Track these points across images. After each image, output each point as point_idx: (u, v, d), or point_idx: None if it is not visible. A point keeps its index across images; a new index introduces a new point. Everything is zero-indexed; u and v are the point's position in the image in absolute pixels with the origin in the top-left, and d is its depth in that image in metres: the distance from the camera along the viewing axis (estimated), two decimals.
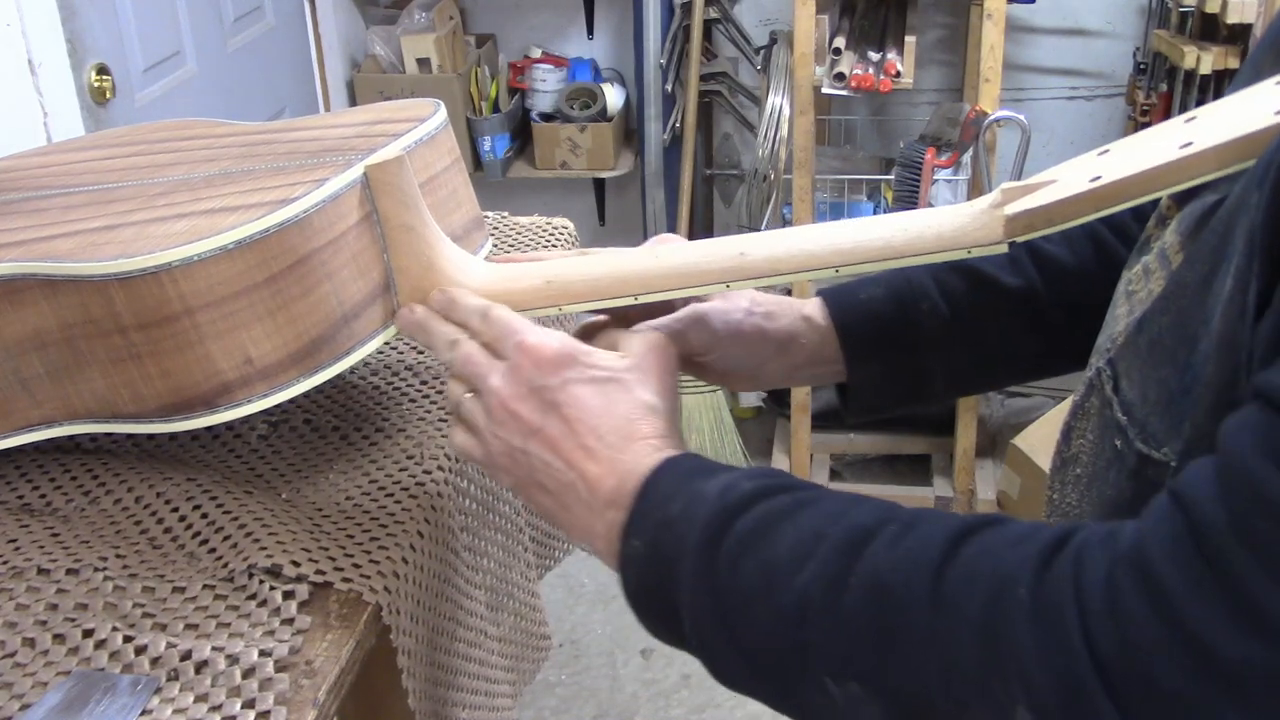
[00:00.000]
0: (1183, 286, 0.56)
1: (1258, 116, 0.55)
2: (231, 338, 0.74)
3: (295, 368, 0.76)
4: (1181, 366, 0.55)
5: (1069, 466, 0.68)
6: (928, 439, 2.72)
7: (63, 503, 0.88)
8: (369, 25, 2.96)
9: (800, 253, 0.70)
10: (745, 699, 0.62)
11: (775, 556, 0.57)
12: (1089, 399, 0.65)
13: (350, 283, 0.77)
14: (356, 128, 0.88)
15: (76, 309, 0.77)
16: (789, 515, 0.58)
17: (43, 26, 1.74)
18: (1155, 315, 0.59)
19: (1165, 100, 2.45)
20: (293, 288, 0.75)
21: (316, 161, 0.81)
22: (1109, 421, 0.61)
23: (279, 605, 0.77)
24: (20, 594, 0.79)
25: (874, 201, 2.55)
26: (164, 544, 0.83)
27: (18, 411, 0.83)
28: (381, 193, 0.77)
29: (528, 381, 0.68)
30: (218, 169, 0.88)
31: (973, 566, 0.51)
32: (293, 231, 0.74)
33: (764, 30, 2.86)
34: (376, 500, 0.87)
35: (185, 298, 0.73)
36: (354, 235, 0.77)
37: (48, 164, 1.04)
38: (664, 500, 0.63)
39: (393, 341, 1.09)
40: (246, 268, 0.73)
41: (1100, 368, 0.63)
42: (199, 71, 2.22)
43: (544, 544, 1.16)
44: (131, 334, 0.75)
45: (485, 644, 0.97)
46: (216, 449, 0.94)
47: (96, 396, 0.80)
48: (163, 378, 0.76)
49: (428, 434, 0.95)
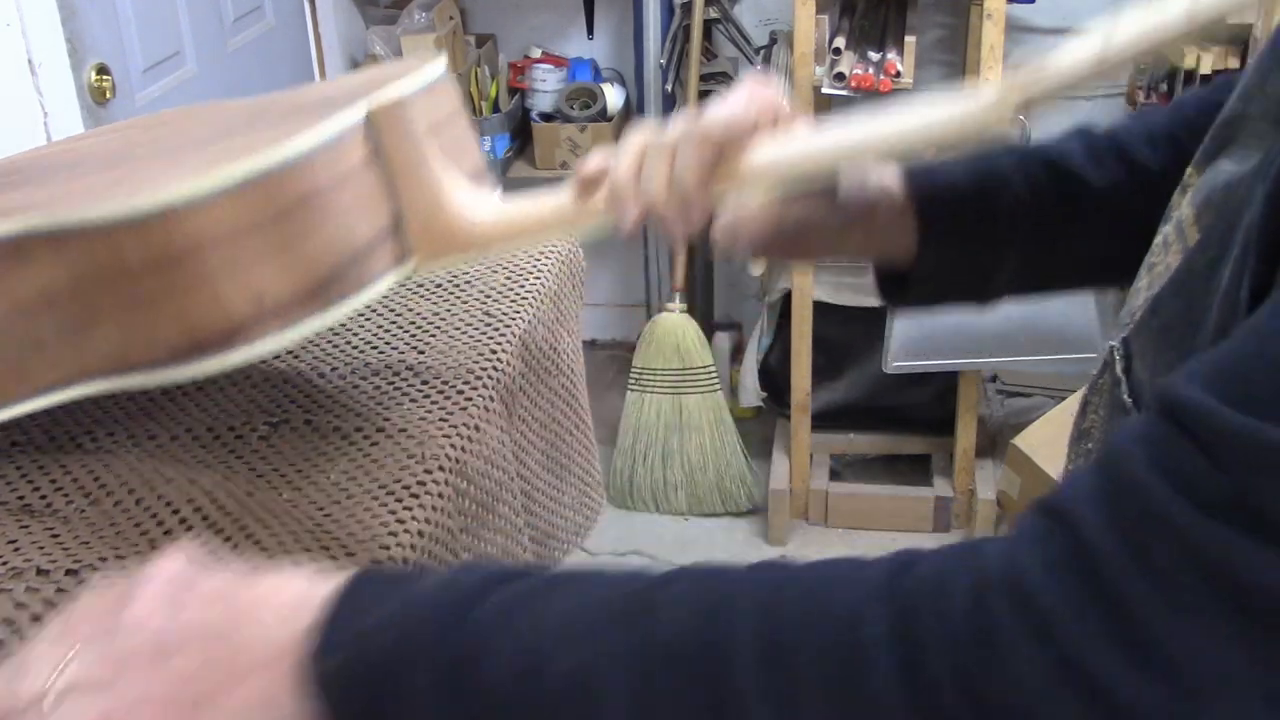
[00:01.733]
0: (1192, 272, 0.55)
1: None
2: (242, 276, 0.74)
3: (307, 304, 0.76)
4: (1185, 354, 0.53)
5: (1084, 441, 0.66)
6: (928, 439, 2.72)
7: (63, 504, 0.88)
8: (369, 25, 2.96)
9: (804, 150, 0.70)
10: None
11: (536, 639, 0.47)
12: (1103, 375, 0.63)
13: (359, 222, 0.77)
14: (360, 82, 0.89)
15: (85, 260, 0.76)
16: (554, 587, 0.50)
17: (43, 26, 1.74)
18: (1167, 299, 0.58)
19: (1165, 100, 2.45)
20: (300, 224, 0.75)
21: (320, 110, 0.82)
22: (1117, 402, 0.60)
23: None
24: (19, 594, 0.79)
25: None
26: (164, 546, 0.83)
27: (34, 374, 0.82)
28: (385, 132, 0.77)
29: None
30: (224, 129, 0.89)
31: (799, 609, 0.44)
32: (298, 168, 0.74)
33: (764, 30, 2.86)
34: (379, 499, 0.87)
35: (193, 236, 0.73)
36: (359, 174, 0.77)
37: (52, 150, 1.05)
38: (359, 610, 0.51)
39: (395, 343, 1.09)
40: (253, 205, 0.73)
41: (1114, 346, 0.62)
42: (199, 71, 2.22)
43: (543, 544, 1.16)
44: (141, 278, 0.75)
45: None
46: (217, 449, 0.94)
47: (110, 350, 0.79)
48: (175, 321, 0.76)
49: (429, 434, 0.95)
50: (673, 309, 2.80)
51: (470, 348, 1.07)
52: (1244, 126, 0.58)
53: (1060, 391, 2.80)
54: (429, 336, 1.10)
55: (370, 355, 1.07)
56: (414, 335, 1.10)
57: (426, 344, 1.08)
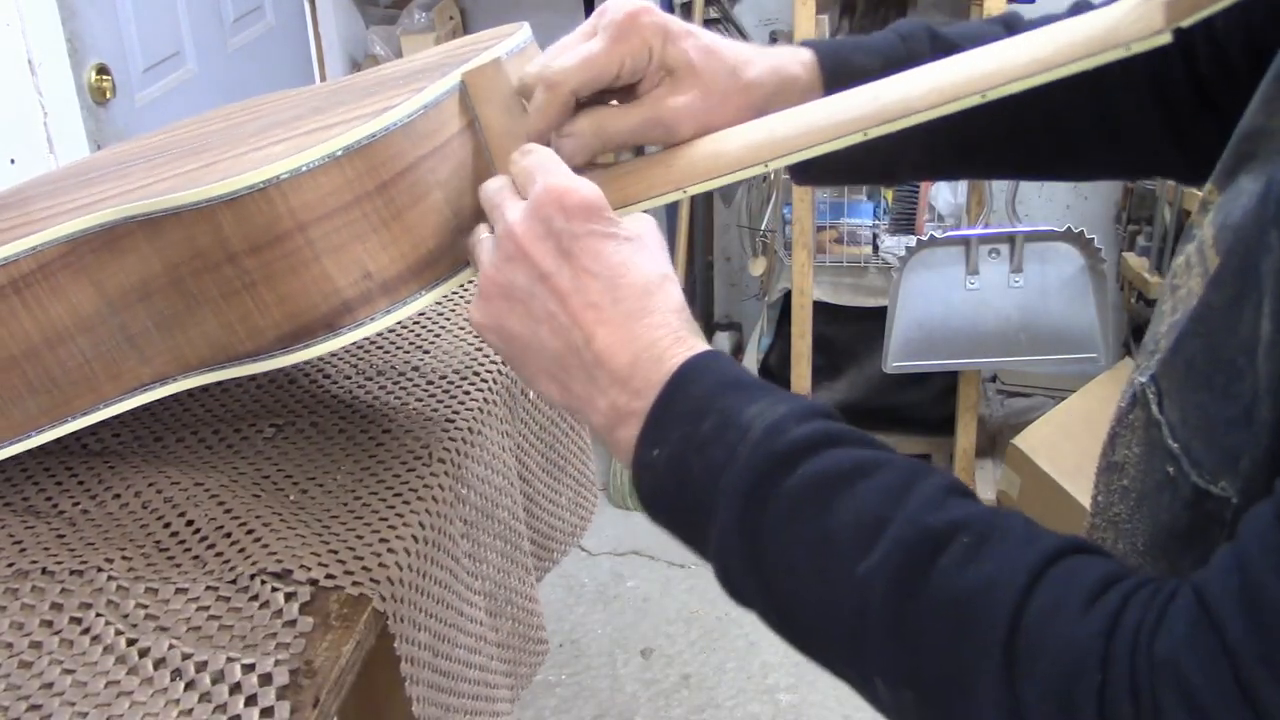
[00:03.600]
0: (1210, 310, 0.54)
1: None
2: (347, 252, 0.71)
3: (416, 280, 0.73)
4: (1219, 393, 0.53)
5: (1113, 473, 0.65)
6: (928, 439, 2.72)
7: (68, 505, 0.88)
8: (369, 25, 2.95)
9: (938, 86, 0.65)
10: (746, 700, 0.61)
11: (831, 534, 0.53)
12: (1134, 410, 0.62)
13: (462, 192, 0.74)
14: (442, 54, 0.86)
15: (182, 245, 0.74)
16: (845, 484, 0.54)
17: (43, 26, 1.74)
18: (1188, 337, 0.56)
19: None
20: (403, 195, 0.72)
21: (408, 82, 0.79)
22: (1156, 443, 0.58)
23: (281, 607, 0.77)
24: (26, 594, 0.79)
25: (874, 201, 2.55)
26: (170, 547, 0.83)
27: (127, 372, 0.80)
28: (481, 99, 0.74)
29: (545, 221, 0.61)
30: (308, 108, 0.86)
31: (1044, 630, 0.49)
32: (398, 136, 0.71)
33: (764, 30, 2.86)
34: (385, 500, 0.87)
35: (296, 212, 0.71)
36: (458, 143, 0.74)
37: (120, 150, 1.02)
38: (693, 412, 0.58)
39: (400, 344, 1.09)
40: (356, 176, 0.71)
41: (1144, 383, 0.60)
42: (199, 71, 2.22)
43: (543, 546, 1.16)
44: (243, 260, 0.72)
45: (485, 650, 0.97)
46: (223, 451, 0.94)
47: (209, 340, 0.77)
48: (279, 304, 0.73)
49: (434, 435, 0.95)
50: None
51: (474, 348, 1.08)
52: (1266, 141, 0.56)
53: (1060, 391, 2.80)
54: (433, 337, 1.10)
55: (375, 357, 1.07)
56: (418, 336, 1.10)
57: (430, 345, 1.08)
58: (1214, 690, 0.45)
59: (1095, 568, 0.50)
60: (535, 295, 0.61)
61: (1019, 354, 2.41)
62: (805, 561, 0.54)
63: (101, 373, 0.80)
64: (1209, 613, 0.46)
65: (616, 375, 0.60)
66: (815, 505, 0.54)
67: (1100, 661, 0.47)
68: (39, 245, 0.78)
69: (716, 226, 3.12)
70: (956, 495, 0.54)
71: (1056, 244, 2.31)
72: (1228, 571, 0.46)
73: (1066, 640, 0.48)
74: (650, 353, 0.60)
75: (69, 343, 0.80)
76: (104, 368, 0.80)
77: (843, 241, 2.55)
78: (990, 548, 0.51)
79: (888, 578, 0.52)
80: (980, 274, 2.33)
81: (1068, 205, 2.91)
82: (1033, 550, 0.51)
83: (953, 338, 2.39)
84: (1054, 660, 0.48)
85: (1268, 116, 0.57)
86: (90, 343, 0.79)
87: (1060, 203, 2.91)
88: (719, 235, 3.14)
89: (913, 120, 0.65)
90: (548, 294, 0.61)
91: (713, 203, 3.08)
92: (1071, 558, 0.51)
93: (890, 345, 2.40)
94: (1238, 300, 0.51)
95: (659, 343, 0.60)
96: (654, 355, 0.60)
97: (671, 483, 0.58)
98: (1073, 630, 0.48)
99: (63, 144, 1.78)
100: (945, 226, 2.47)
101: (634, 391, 0.59)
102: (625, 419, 0.60)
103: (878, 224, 2.54)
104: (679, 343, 0.60)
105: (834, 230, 2.55)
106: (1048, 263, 2.33)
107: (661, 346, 0.60)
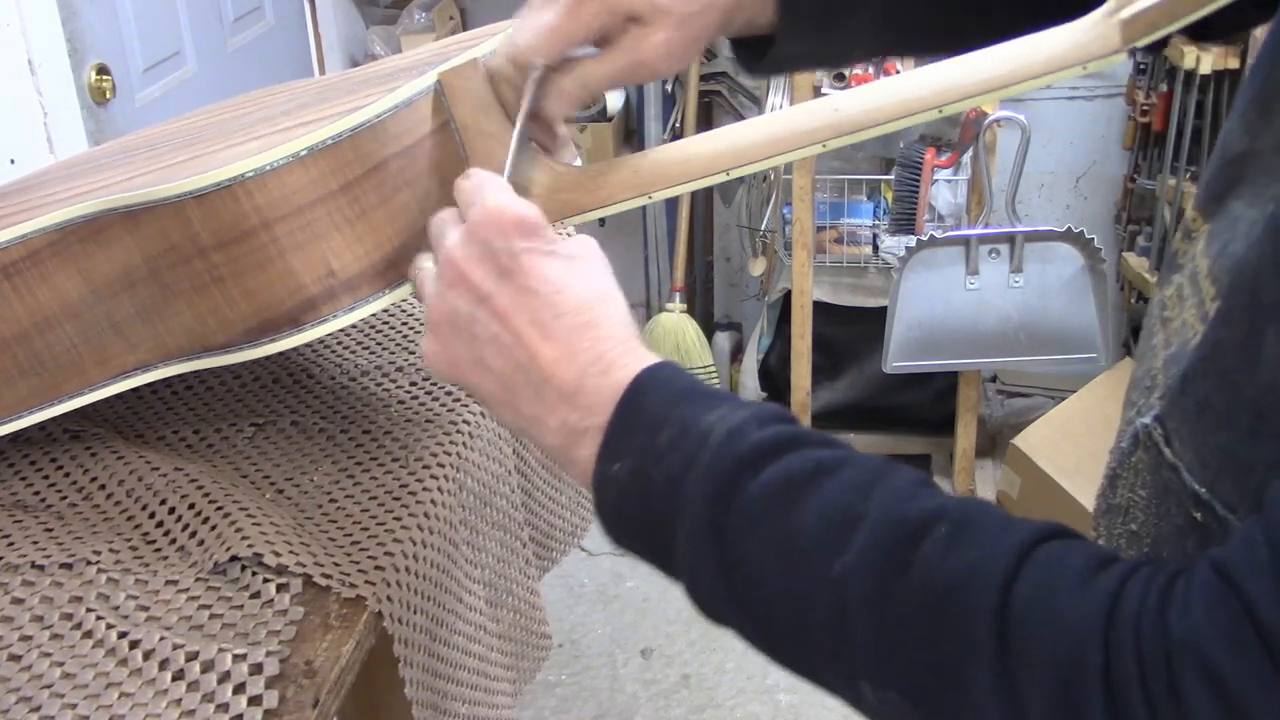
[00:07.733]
0: (1221, 348, 0.52)
1: None
2: (312, 249, 0.73)
3: (380, 279, 0.74)
4: (1245, 432, 0.50)
5: (1116, 516, 0.62)
6: (928, 439, 2.72)
7: (56, 499, 0.88)
8: (369, 25, 2.96)
9: (898, 99, 0.67)
10: (746, 700, 0.61)
11: (801, 534, 0.53)
12: (1136, 452, 0.59)
13: (433, 192, 0.74)
14: (430, 52, 0.88)
15: (158, 238, 0.76)
16: (812, 484, 0.54)
17: (43, 26, 1.74)
18: (1197, 376, 0.54)
19: (1165, 100, 2.45)
20: (370, 195, 0.73)
21: (390, 80, 0.80)
22: (1171, 486, 0.56)
23: (272, 597, 0.77)
24: (15, 588, 0.79)
25: (874, 202, 2.55)
26: (156, 538, 0.84)
27: (113, 357, 0.82)
28: (457, 99, 0.74)
29: (484, 243, 0.62)
30: (296, 104, 0.88)
31: (1036, 613, 0.48)
32: (365, 137, 0.72)
33: None
34: (359, 503, 0.87)
35: (261, 210, 0.72)
36: (432, 144, 0.75)
37: (137, 136, 1.05)
38: (652, 423, 0.57)
39: (383, 342, 1.09)
40: (320, 175, 0.72)
41: (1148, 425, 0.58)
42: (199, 71, 2.23)
43: (543, 544, 1.16)
44: (212, 255, 0.74)
45: (484, 640, 0.97)
46: (203, 450, 0.94)
47: (186, 331, 0.79)
48: (247, 299, 0.75)
49: (414, 435, 0.94)
50: (672, 309, 2.80)
51: None
52: (1253, 163, 0.55)
53: (1060, 391, 2.80)
54: (420, 337, 1.10)
55: (361, 356, 1.06)
56: (404, 336, 1.10)
57: (417, 344, 1.08)
58: (1244, 672, 0.43)
59: (1082, 550, 0.50)
60: (477, 319, 0.61)
61: (1019, 354, 2.41)
62: (776, 564, 0.53)
63: (89, 357, 0.82)
64: (1235, 589, 0.44)
65: (564, 391, 0.60)
66: (783, 506, 0.54)
67: (1101, 644, 0.46)
68: (28, 233, 0.80)
69: (716, 226, 3.12)
70: (925, 487, 0.53)
71: (1056, 244, 2.31)
72: (1253, 545, 0.44)
73: (1062, 622, 0.47)
74: (597, 366, 0.59)
75: (57, 328, 0.82)
76: (91, 353, 0.82)
77: (843, 241, 2.55)
78: (970, 535, 0.50)
79: (866, 573, 0.51)
80: (980, 274, 2.33)
81: (1068, 205, 2.90)
82: (1015, 535, 0.50)
83: (953, 338, 2.39)
84: (1050, 644, 0.47)
85: (1251, 139, 0.56)
86: (77, 328, 0.81)
87: (1060, 203, 2.91)
88: (719, 235, 3.14)
89: (873, 133, 0.67)
90: (489, 316, 0.61)
91: (713, 203, 3.08)
92: (1056, 541, 0.50)
93: (890, 345, 2.39)
94: (1252, 334, 0.49)
95: (605, 356, 0.59)
96: (600, 369, 0.59)
97: (634, 495, 0.58)
98: (1067, 612, 0.47)
99: (63, 144, 1.79)
100: (945, 226, 2.47)
101: (585, 408, 0.59)
102: (580, 437, 0.59)
103: (878, 224, 2.54)
104: (628, 353, 0.60)
105: (834, 230, 2.55)
106: (1048, 263, 2.32)
107: (608, 360, 0.59)
